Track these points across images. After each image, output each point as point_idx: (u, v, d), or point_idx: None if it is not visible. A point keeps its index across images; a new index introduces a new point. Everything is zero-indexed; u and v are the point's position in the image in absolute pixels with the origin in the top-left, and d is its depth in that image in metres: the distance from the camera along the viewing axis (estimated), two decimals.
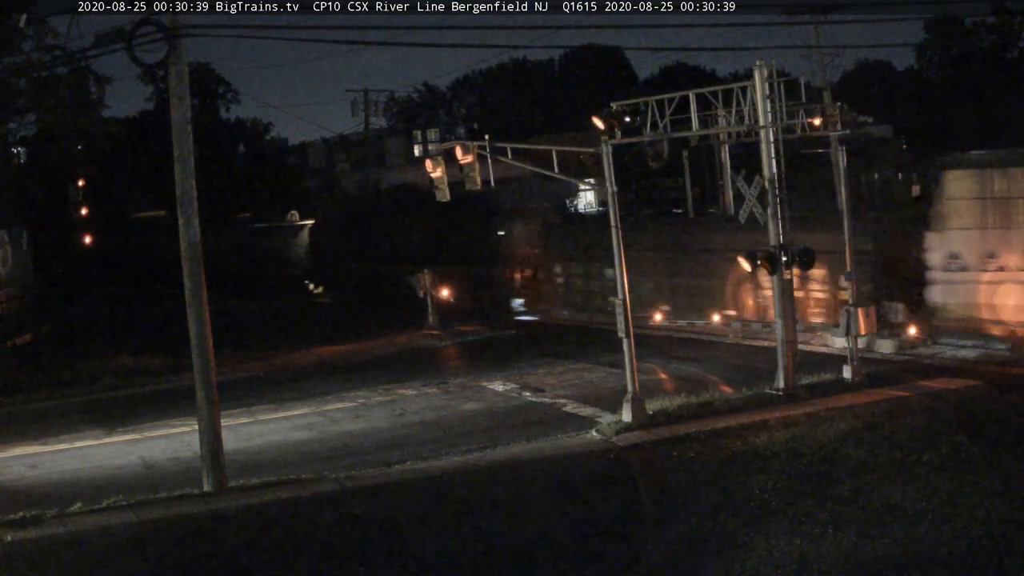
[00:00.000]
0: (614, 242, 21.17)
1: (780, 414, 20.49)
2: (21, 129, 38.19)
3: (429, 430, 21.92)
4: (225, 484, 17.95)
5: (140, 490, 18.01)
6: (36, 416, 25.90)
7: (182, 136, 17.94)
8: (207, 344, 18.18)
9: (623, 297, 20.90)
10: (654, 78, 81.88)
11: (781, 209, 22.34)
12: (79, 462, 21.09)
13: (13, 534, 16.03)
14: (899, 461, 17.12)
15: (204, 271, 18.14)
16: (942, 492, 15.47)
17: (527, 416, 22.56)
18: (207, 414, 18.12)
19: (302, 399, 25.82)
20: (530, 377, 26.79)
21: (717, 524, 14.97)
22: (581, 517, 15.93)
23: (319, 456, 20.27)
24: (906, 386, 22.21)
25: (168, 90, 18.31)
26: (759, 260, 22.10)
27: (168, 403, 25.68)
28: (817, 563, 13.36)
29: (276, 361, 31.56)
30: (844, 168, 25.01)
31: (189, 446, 20.69)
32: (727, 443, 19.05)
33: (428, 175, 24.48)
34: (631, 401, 20.66)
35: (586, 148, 23.26)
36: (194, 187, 18.08)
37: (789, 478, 16.70)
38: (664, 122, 23.81)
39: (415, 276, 36.88)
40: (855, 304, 23.01)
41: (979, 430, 18.53)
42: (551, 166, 24.68)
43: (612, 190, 21.26)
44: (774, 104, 22.61)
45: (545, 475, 18.12)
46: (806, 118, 24.90)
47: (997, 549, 13.38)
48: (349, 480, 18.30)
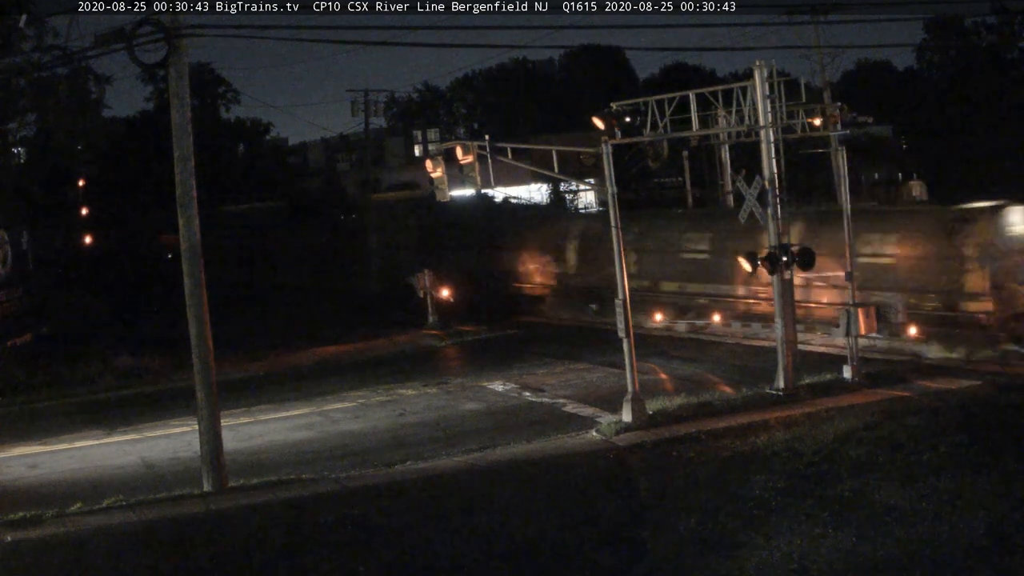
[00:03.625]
0: (614, 242, 21.18)
1: (780, 414, 20.50)
2: (21, 129, 38.25)
3: (429, 430, 21.92)
4: (225, 484, 17.97)
5: (140, 490, 18.03)
6: (36, 416, 25.91)
7: (182, 136, 17.96)
8: (207, 344, 18.20)
9: (623, 297, 20.91)
10: (654, 78, 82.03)
11: (781, 209, 22.35)
12: (79, 462, 21.10)
13: (13, 534, 16.05)
14: (899, 461, 17.12)
15: (204, 271, 18.17)
16: (942, 492, 15.46)
17: (527, 416, 22.56)
18: (207, 414, 18.13)
19: (302, 399, 25.82)
20: (530, 377, 26.80)
21: (717, 524, 14.97)
22: (581, 517, 15.93)
23: (319, 456, 20.27)
24: (906, 386, 22.22)
25: (168, 90, 18.32)
26: (759, 260, 22.11)
27: (168, 403, 25.69)
28: (817, 563, 13.36)
29: (276, 361, 31.56)
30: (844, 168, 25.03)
31: (189, 446, 20.69)
32: (727, 443, 19.06)
33: (428, 175, 24.50)
34: (631, 401, 20.66)
35: (586, 148, 23.26)
36: (194, 187, 18.10)
37: (789, 478, 16.71)
38: (664, 122, 23.83)
39: (415, 276, 36.88)
40: (855, 304, 23.02)
41: (979, 430, 18.53)
42: (551, 166, 24.70)
43: (612, 190, 21.27)
44: (774, 104, 22.63)
45: (545, 475, 18.13)
46: (806, 118, 24.94)
47: (997, 549, 13.38)
48: (349, 480, 18.31)
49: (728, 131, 25.83)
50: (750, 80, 22.95)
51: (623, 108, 22.37)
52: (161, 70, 18.55)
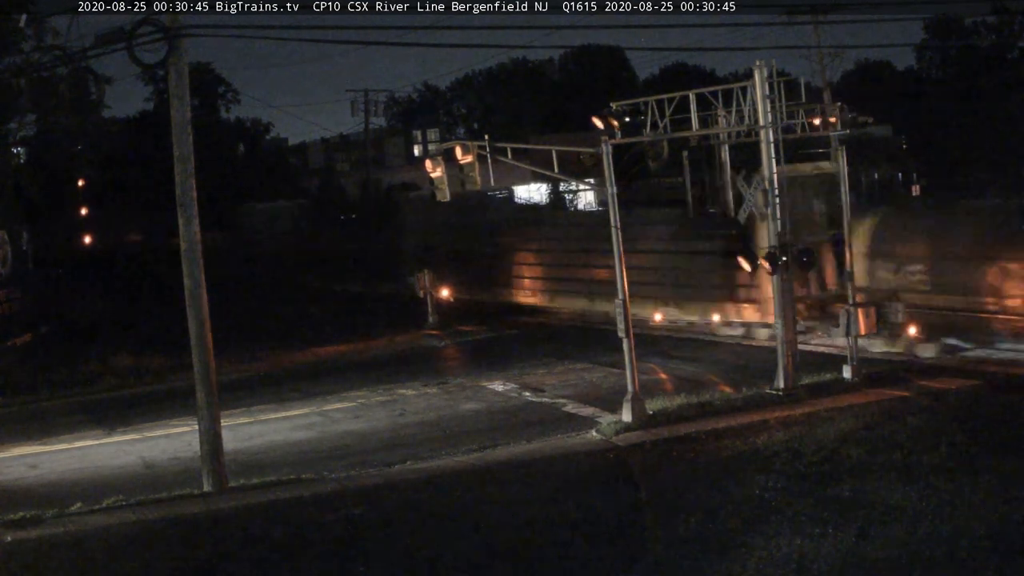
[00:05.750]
0: (614, 242, 21.17)
1: (780, 414, 20.50)
2: (21, 129, 38.22)
3: (429, 430, 21.92)
4: (225, 484, 17.96)
5: (140, 490, 18.01)
6: (36, 416, 25.90)
7: (182, 136, 17.95)
8: (207, 344, 18.20)
9: (623, 297, 20.91)
10: (654, 78, 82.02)
11: (781, 209, 22.34)
12: (79, 462, 21.09)
13: (13, 534, 16.05)
14: (899, 461, 17.12)
15: (204, 271, 18.17)
16: (942, 492, 15.46)
17: (527, 416, 22.56)
18: (207, 414, 18.13)
19: (302, 399, 25.81)
20: (530, 377, 26.79)
21: (717, 524, 14.97)
22: (581, 517, 15.93)
23: (319, 456, 20.27)
24: (906, 386, 22.22)
25: (168, 90, 18.32)
26: (759, 260, 22.11)
27: (168, 403, 25.67)
28: (817, 563, 13.36)
29: (276, 361, 31.56)
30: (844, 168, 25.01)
31: (189, 446, 20.68)
32: (727, 443, 19.06)
33: (428, 175, 24.49)
34: (631, 401, 20.66)
35: (586, 148, 23.26)
36: (194, 187, 18.10)
37: (789, 478, 16.71)
38: (664, 122, 23.85)
39: (415, 276, 36.91)
40: (855, 304, 23.01)
41: (979, 430, 18.53)
42: (551, 166, 24.70)
43: (612, 190, 21.26)
44: (774, 104, 22.62)
45: (545, 475, 18.13)
46: (806, 118, 24.95)
47: (997, 549, 13.38)
48: (349, 480, 18.31)
49: (728, 131, 25.84)
50: (750, 80, 22.95)
51: (623, 108, 22.37)
52: (161, 70, 18.57)
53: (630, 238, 23.46)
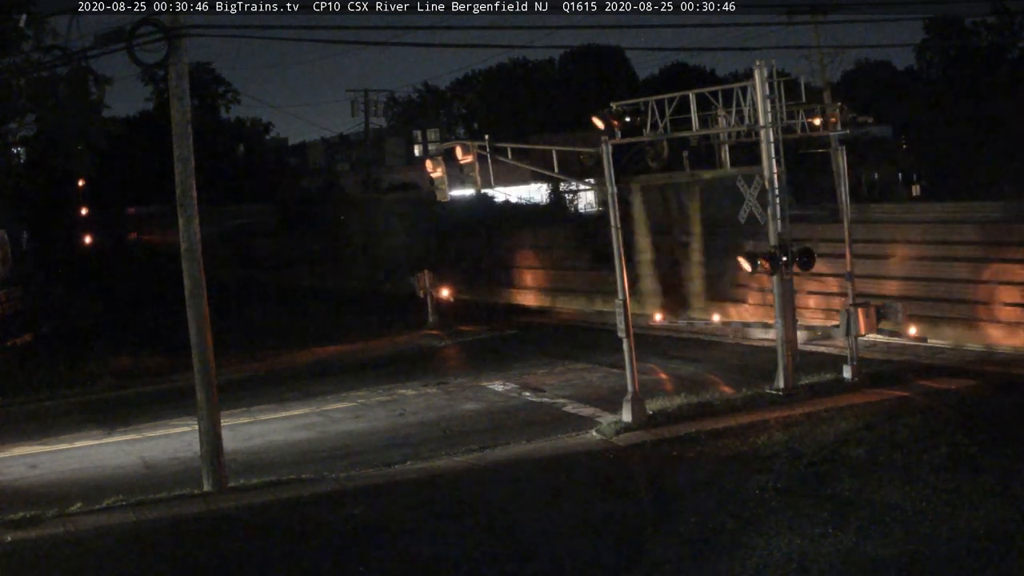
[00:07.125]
0: (614, 242, 21.17)
1: (780, 414, 20.50)
2: (21, 129, 38.17)
3: (429, 430, 21.92)
4: (225, 484, 17.97)
5: (140, 490, 18.02)
6: (36, 416, 25.92)
7: (182, 136, 17.96)
8: (207, 344, 18.20)
9: (623, 297, 20.90)
10: (654, 78, 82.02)
11: (781, 209, 22.34)
12: (79, 462, 21.10)
13: (13, 534, 16.06)
14: (899, 461, 17.11)
15: (204, 271, 18.17)
16: (942, 492, 15.45)
17: (527, 416, 22.56)
18: (207, 414, 18.14)
19: (302, 399, 25.83)
20: (530, 377, 26.79)
21: (717, 524, 14.95)
22: (581, 517, 15.92)
23: (319, 456, 20.28)
24: (906, 386, 22.22)
25: (168, 90, 18.32)
26: (759, 260, 22.09)
27: (168, 403, 25.69)
28: (817, 563, 13.34)
29: (276, 361, 31.56)
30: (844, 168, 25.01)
31: (189, 446, 20.69)
32: (727, 443, 19.06)
33: (428, 175, 24.50)
34: (631, 401, 20.66)
35: (586, 148, 23.26)
36: (194, 187, 18.10)
37: (789, 478, 16.70)
38: (664, 122, 23.85)
39: (415, 276, 36.92)
40: (855, 304, 23.01)
41: (979, 430, 18.53)
42: (551, 166, 24.71)
43: (612, 190, 21.26)
44: (774, 104, 22.61)
45: (545, 475, 18.13)
46: (806, 118, 24.92)
47: (997, 549, 13.37)
48: (349, 480, 18.31)
49: (728, 131, 25.82)
50: (750, 80, 22.95)
51: (623, 108, 22.38)
52: (161, 70, 18.58)
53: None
